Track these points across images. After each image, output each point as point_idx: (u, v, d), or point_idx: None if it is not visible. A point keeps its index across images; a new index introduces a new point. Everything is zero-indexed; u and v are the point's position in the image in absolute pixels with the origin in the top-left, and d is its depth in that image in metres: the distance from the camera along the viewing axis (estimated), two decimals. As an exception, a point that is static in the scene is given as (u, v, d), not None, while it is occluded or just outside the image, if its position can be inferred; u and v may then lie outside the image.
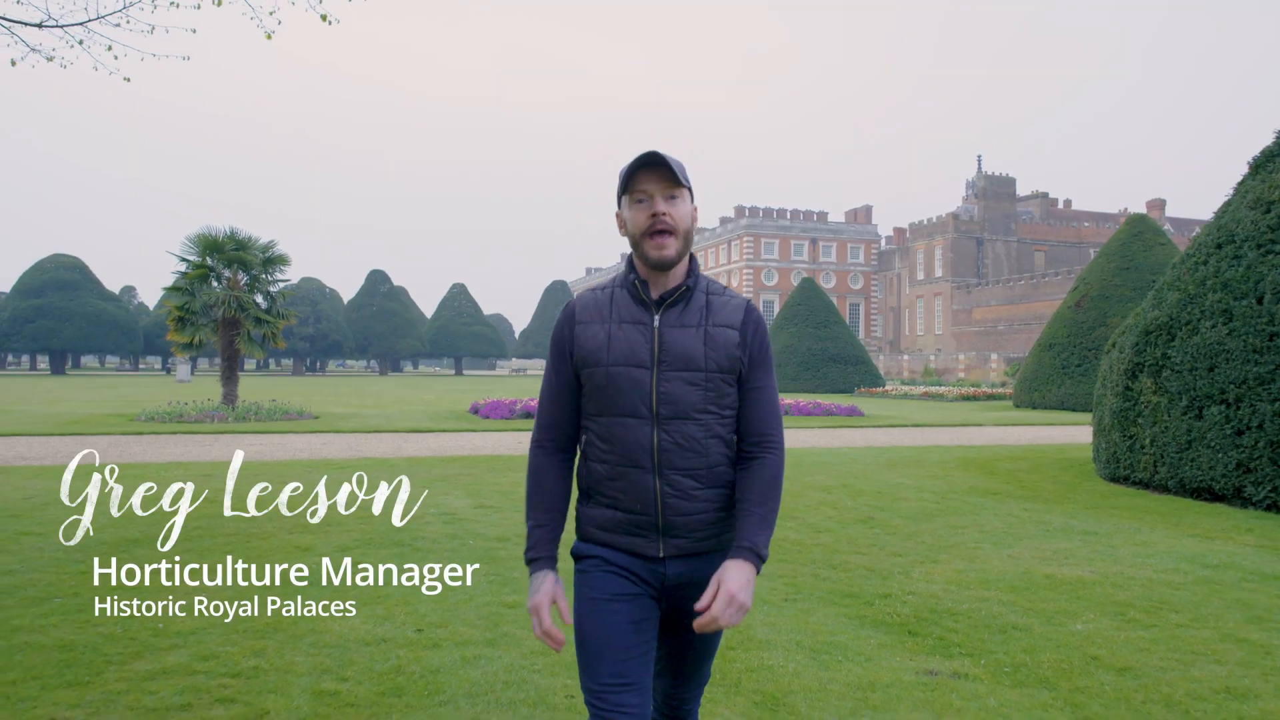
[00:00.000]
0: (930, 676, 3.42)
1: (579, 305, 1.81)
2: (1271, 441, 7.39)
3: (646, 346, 1.72)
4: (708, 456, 1.72)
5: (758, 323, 1.81)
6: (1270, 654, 3.70)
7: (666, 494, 1.70)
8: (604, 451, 1.74)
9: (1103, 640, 3.88)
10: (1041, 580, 4.99)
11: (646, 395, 1.70)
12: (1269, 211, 8.28)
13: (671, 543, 1.72)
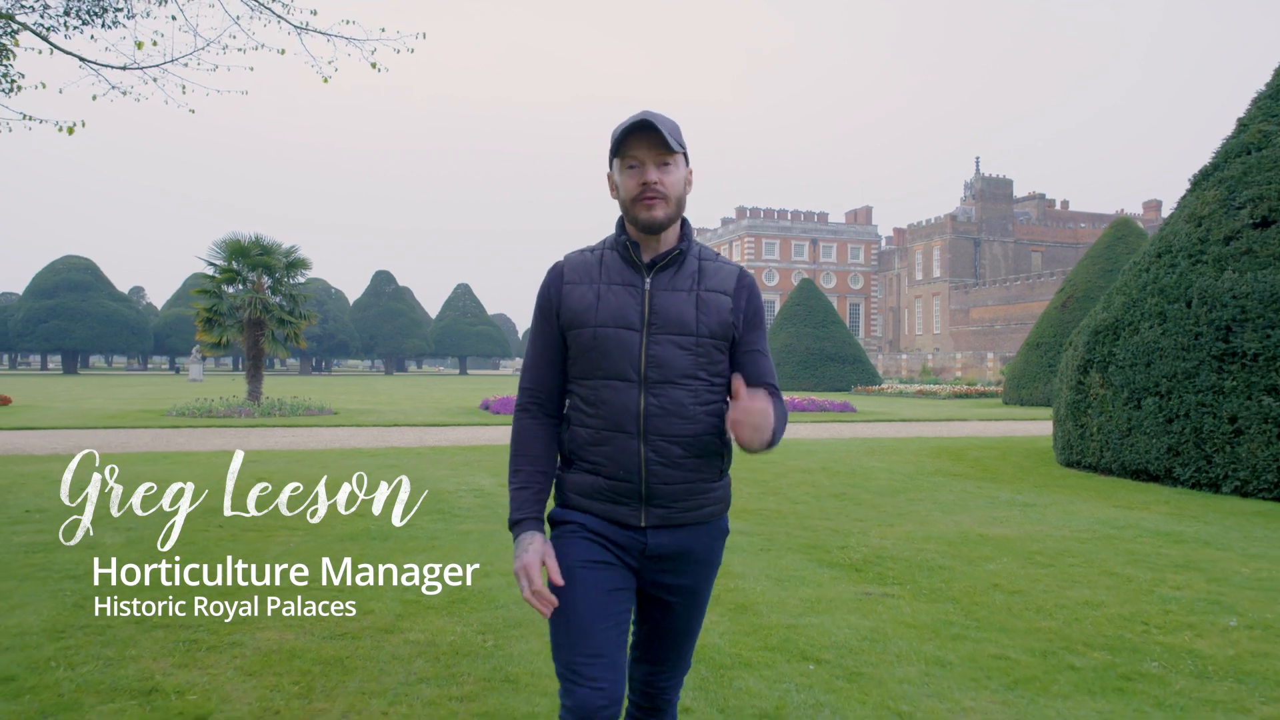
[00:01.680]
0: (865, 595, 4.49)
1: (567, 265, 1.76)
2: (1195, 428, 8.45)
3: (636, 309, 1.68)
4: (695, 423, 1.66)
5: (751, 288, 1.77)
6: (1131, 581, 4.77)
7: (651, 460, 1.65)
8: (589, 416, 1.69)
9: (1006, 575, 4.95)
10: (974, 538, 6.06)
11: (635, 358, 1.65)
12: (1200, 225, 9.34)
13: (654, 511, 1.68)
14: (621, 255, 1.72)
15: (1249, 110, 9.93)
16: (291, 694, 3.01)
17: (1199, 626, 3.97)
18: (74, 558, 5.06)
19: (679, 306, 1.68)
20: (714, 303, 1.70)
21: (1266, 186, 8.74)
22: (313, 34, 6.57)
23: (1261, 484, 7.85)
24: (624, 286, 1.69)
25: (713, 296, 1.70)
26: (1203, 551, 5.58)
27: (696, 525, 1.72)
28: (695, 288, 1.70)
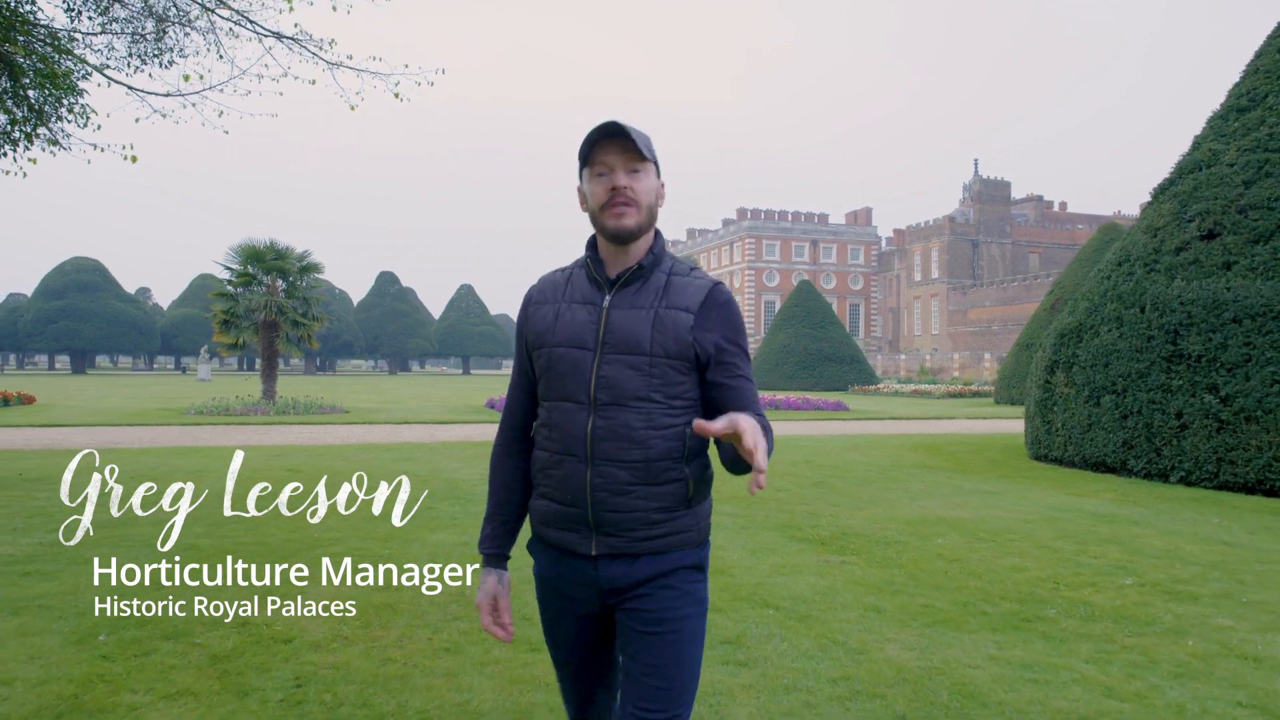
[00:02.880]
0: (825, 563, 5.26)
1: (537, 287, 1.73)
2: (1147, 423, 9.21)
3: (592, 327, 1.61)
4: (646, 449, 1.57)
5: (723, 305, 1.64)
6: (1057, 552, 5.54)
7: (596, 485, 1.57)
8: (545, 439, 1.65)
9: (950, 548, 5.72)
10: (933, 519, 6.83)
11: (586, 379, 1.59)
12: (1155, 236, 10.10)
13: (604, 540, 1.60)
14: (586, 273, 1.67)
15: (1203, 129, 10.69)
16: (354, 625, 3.80)
17: (1099, 585, 4.75)
18: (148, 533, 5.84)
19: (634, 325, 1.59)
20: (672, 321, 1.59)
21: (1213, 201, 9.50)
22: (343, 69, 7.35)
23: (1203, 474, 8.61)
24: (583, 304, 1.64)
25: (672, 314, 1.60)
26: (1128, 529, 6.35)
27: (654, 555, 1.59)
28: (656, 304, 1.61)
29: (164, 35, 6.84)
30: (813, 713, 2.94)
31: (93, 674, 3.17)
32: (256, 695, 3.01)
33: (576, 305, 1.65)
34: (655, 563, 1.60)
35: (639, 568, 1.60)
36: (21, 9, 6.15)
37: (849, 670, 3.35)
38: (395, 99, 7.97)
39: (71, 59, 6.36)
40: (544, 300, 1.69)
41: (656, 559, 1.60)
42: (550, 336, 1.64)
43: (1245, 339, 8.43)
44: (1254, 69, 10.42)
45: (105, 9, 6.69)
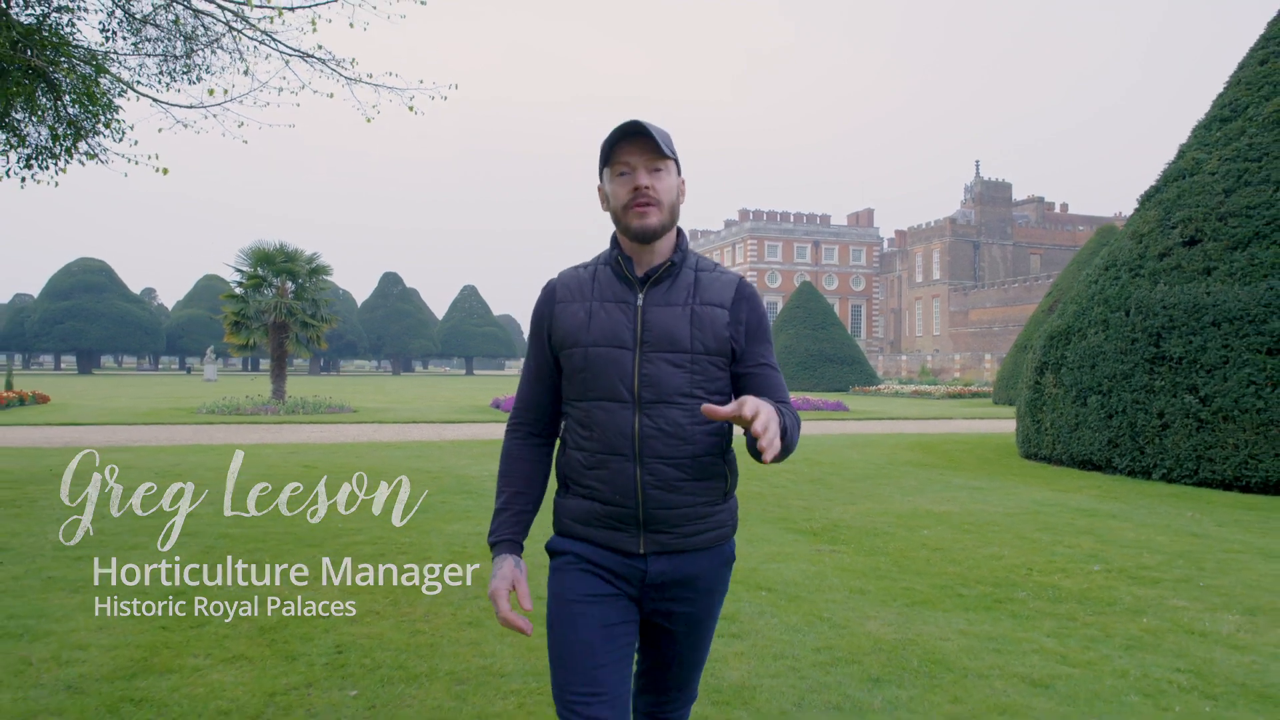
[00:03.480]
0: (817, 551, 5.64)
1: (559, 283, 1.71)
2: (1131, 423, 9.57)
3: (629, 326, 1.62)
4: (693, 444, 1.59)
5: (751, 299, 1.69)
6: (1034, 542, 5.91)
7: (648, 484, 1.58)
8: (583, 438, 1.64)
9: (936, 539, 6.09)
10: (921, 513, 7.20)
11: (628, 377, 1.59)
12: (1140, 242, 10.46)
13: (653, 538, 1.61)
14: (614, 271, 1.66)
15: (1188, 138, 11.05)
16: (384, 603, 4.18)
17: (1069, 571, 5.12)
18: (185, 522, 6.21)
19: (672, 322, 1.61)
20: (709, 317, 1.62)
21: (1195, 209, 9.86)
22: (361, 84, 7.73)
23: (1184, 471, 8.97)
24: (616, 303, 1.63)
25: (708, 310, 1.62)
26: (1105, 522, 6.72)
27: (698, 551, 1.64)
28: (690, 301, 1.63)
29: (192, 54, 7.24)
30: (796, 675, 3.31)
31: (156, 642, 3.55)
32: (304, 659, 3.39)
33: (609, 304, 1.64)
34: (697, 560, 1.64)
35: (684, 564, 1.63)
36: (61, 30, 6.57)
37: (831, 641, 3.73)
38: (410, 111, 8.36)
39: (108, 77, 6.76)
40: (570, 298, 1.67)
41: (699, 555, 1.64)
42: (584, 335, 1.62)
43: (1223, 342, 8.79)
44: (1236, 80, 10.77)
45: (137, 29, 7.08)
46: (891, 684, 3.24)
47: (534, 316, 1.73)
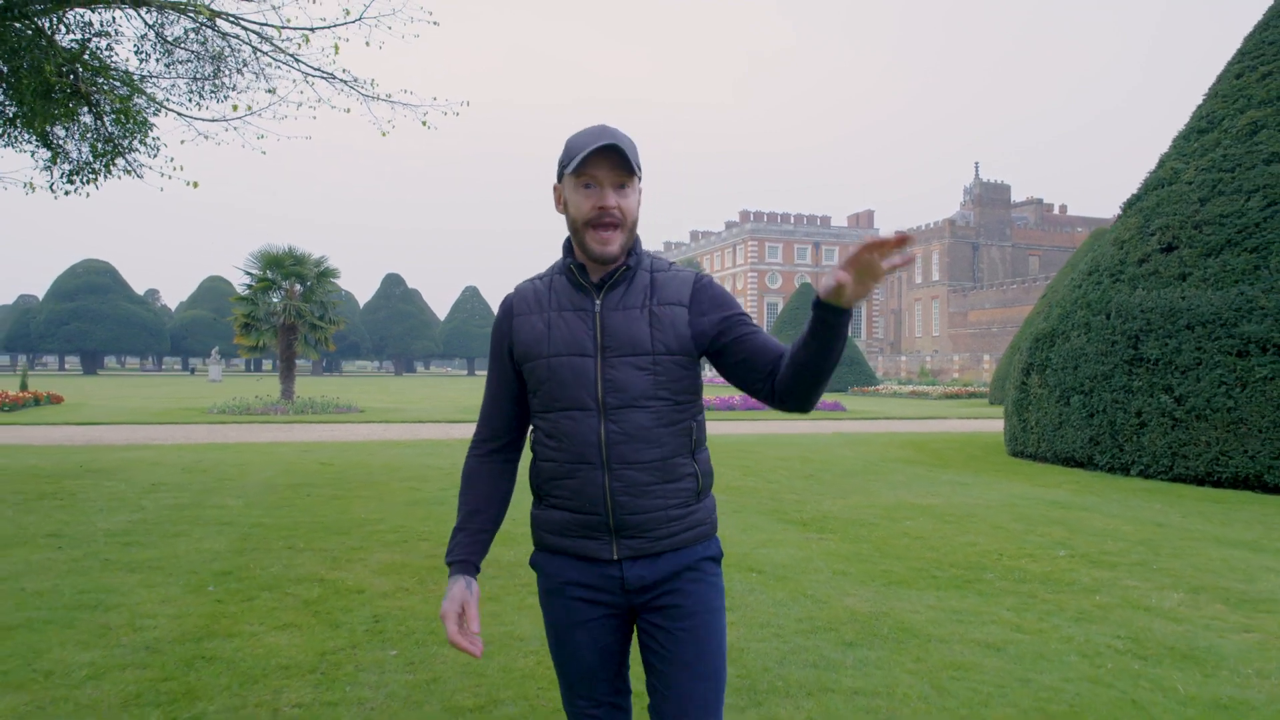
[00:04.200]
0: (805, 539, 6.09)
1: (516, 297, 1.71)
2: (1110, 421, 10.02)
3: (588, 333, 1.61)
4: (660, 446, 1.59)
5: (708, 287, 1.67)
6: (1008, 531, 6.36)
7: (616, 490, 1.58)
8: (552, 449, 1.63)
9: (917, 528, 6.54)
10: (906, 506, 7.64)
11: (591, 385, 1.59)
12: (1121, 248, 10.92)
13: (626, 543, 1.60)
14: (569, 279, 1.65)
15: (1169, 148, 11.50)
16: (412, 581, 4.64)
17: (1036, 556, 5.57)
18: (218, 513, 6.68)
19: (632, 325, 1.60)
20: (669, 317, 1.61)
21: (1172, 216, 10.31)
22: (379, 101, 8.19)
23: (1160, 467, 9.42)
24: (574, 311, 1.62)
25: (667, 310, 1.61)
26: (1077, 514, 7.17)
27: (673, 553, 1.62)
28: (648, 303, 1.62)
29: (220, 74, 7.69)
30: (780, 640, 3.77)
31: (215, 612, 4.01)
32: (346, 627, 3.85)
33: (567, 313, 1.63)
34: (677, 558, 1.62)
35: (662, 564, 1.61)
36: (101, 54, 7.01)
37: (813, 613, 4.18)
38: (423, 126, 8.82)
39: (144, 98, 7.21)
40: (527, 310, 1.67)
41: (678, 554, 1.62)
42: (545, 347, 1.62)
43: (1197, 344, 9.24)
44: (1214, 93, 11.23)
45: (169, 51, 7.53)
46: (863, 647, 3.70)
47: (493, 334, 1.73)
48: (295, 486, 8.18)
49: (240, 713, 2.89)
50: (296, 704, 2.97)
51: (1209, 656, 3.63)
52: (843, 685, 3.24)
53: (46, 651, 3.42)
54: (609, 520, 1.59)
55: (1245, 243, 9.39)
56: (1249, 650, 3.73)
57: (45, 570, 4.73)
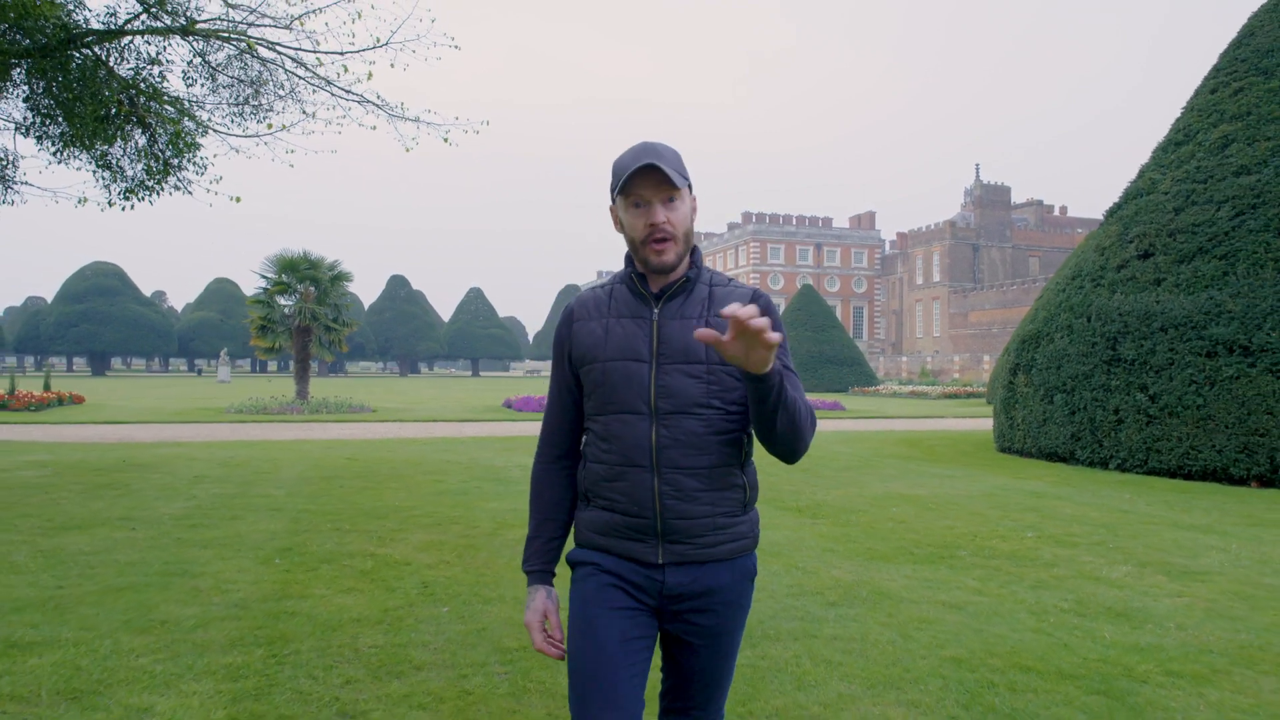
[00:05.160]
0: (800, 523, 6.71)
1: (577, 305, 1.76)
2: (1090, 418, 10.63)
3: (645, 339, 1.65)
4: (710, 454, 1.61)
5: (766, 308, 1.65)
6: (985, 517, 6.98)
7: (665, 494, 1.60)
8: (603, 451, 1.67)
9: (901, 515, 7.16)
10: (894, 496, 8.26)
11: (645, 389, 1.62)
12: (1102, 254, 11.53)
13: (671, 548, 1.62)
14: (630, 289, 1.70)
15: (1149, 159, 12.11)
16: (451, 555, 5.27)
17: (1008, 537, 6.19)
18: (265, 501, 7.31)
19: (687, 334, 1.63)
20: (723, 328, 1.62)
21: (1149, 225, 10.93)
22: (405, 121, 8.82)
23: (1135, 461, 10.03)
24: (632, 319, 1.68)
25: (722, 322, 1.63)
26: (1050, 502, 7.79)
27: (717, 563, 1.65)
28: (705, 314, 1.66)
29: (259, 96, 8.33)
30: (773, 601, 4.39)
31: (285, 580, 4.65)
32: (400, 590, 4.48)
33: (625, 320, 1.67)
34: (716, 573, 1.65)
35: (704, 576, 1.64)
36: (153, 81, 7.66)
37: (801, 581, 4.81)
38: (444, 142, 9.45)
39: (192, 121, 7.86)
40: (588, 317, 1.72)
41: (719, 567, 1.65)
42: (601, 351, 1.67)
43: (1170, 346, 9.85)
44: (1190, 107, 11.84)
45: (213, 76, 8.18)
46: (844, 606, 4.33)
47: (555, 341, 1.78)
48: (327, 479, 8.81)
49: (328, 651, 3.52)
50: (372, 645, 3.61)
51: (1140, 615, 4.25)
52: (824, 633, 3.87)
53: (156, 607, 4.06)
54: (656, 524, 1.61)
55: (1215, 250, 10.00)
56: (1176, 610, 4.35)
57: (129, 546, 5.37)
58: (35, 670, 3.22)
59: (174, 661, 3.35)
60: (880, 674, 3.37)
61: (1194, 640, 3.85)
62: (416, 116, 8.32)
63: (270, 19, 7.93)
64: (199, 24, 7.91)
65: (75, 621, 3.82)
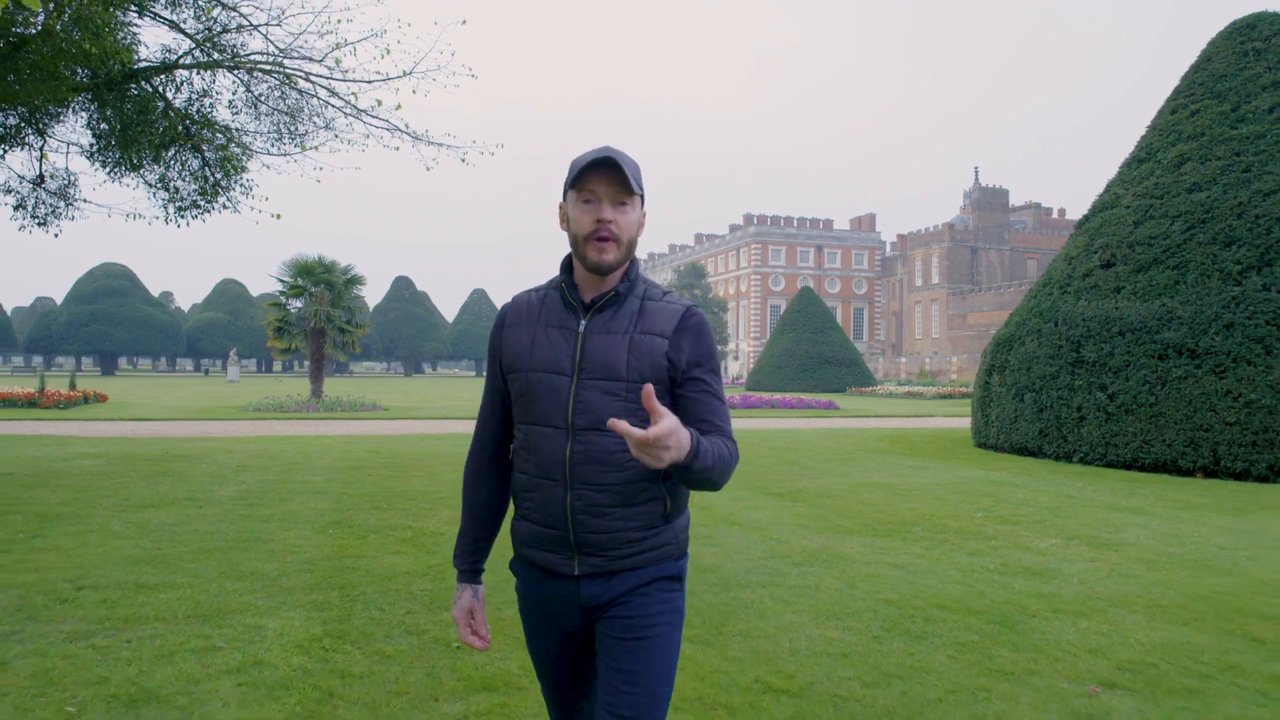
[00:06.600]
0: (780, 505, 7.61)
1: (510, 309, 1.75)
2: (1056, 416, 11.52)
3: (568, 352, 1.63)
4: (624, 471, 1.60)
5: (697, 329, 1.67)
6: (947, 502, 7.87)
7: (577, 509, 1.61)
8: (524, 462, 1.67)
9: (872, 500, 8.05)
10: (870, 484, 9.16)
11: (563, 404, 1.61)
12: (1070, 263, 12.42)
13: (586, 560, 1.64)
14: (560, 296, 1.69)
15: (1115, 174, 13.01)
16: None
17: (959, 516, 7.09)
18: (307, 485, 8.22)
19: (610, 350, 1.61)
20: (647, 345, 1.62)
21: (1111, 237, 11.81)
22: (428, 144, 9.73)
23: (1095, 455, 10.92)
24: (559, 329, 1.66)
25: (647, 339, 1.63)
26: (1007, 489, 8.68)
27: (632, 571, 1.66)
28: (631, 330, 1.63)
29: (296, 123, 9.24)
30: (748, 562, 5.30)
31: (341, 545, 5.55)
32: (439, 553, 5.38)
33: (552, 329, 1.66)
34: (633, 576, 1.66)
35: (617, 583, 1.65)
36: (205, 111, 8.58)
37: (774, 549, 5.71)
38: (462, 162, 10.36)
39: (239, 146, 8.77)
40: (518, 323, 1.71)
41: (635, 573, 1.66)
42: (526, 360, 1.66)
43: (1127, 349, 10.73)
44: (1153, 127, 12.73)
45: (255, 105, 9.10)
46: (806, 566, 5.23)
47: (489, 342, 1.78)
48: (356, 469, 9.72)
49: (387, 593, 4.43)
50: (423, 589, 4.51)
51: (1052, 573, 5.15)
52: (786, 584, 4.78)
53: (242, 563, 4.97)
54: (569, 536, 1.63)
55: (1168, 261, 10.89)
56: (1085, 571, 5.24)
57: (201, 519, 6.29)
58: (166, 602, 4.14)
59: (269, 599, 4.26)
60: (825, 609, 4.28)
61: (1088, 591, 4.75)
62: (440, 142, 9.23)
63: (304, 55, 8.85)
64: (242, 58, 8.83)
65: (182, 572, 4.74)
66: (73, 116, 9.28)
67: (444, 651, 3.59)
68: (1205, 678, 3.42)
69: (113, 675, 3.21)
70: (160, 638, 3.64)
